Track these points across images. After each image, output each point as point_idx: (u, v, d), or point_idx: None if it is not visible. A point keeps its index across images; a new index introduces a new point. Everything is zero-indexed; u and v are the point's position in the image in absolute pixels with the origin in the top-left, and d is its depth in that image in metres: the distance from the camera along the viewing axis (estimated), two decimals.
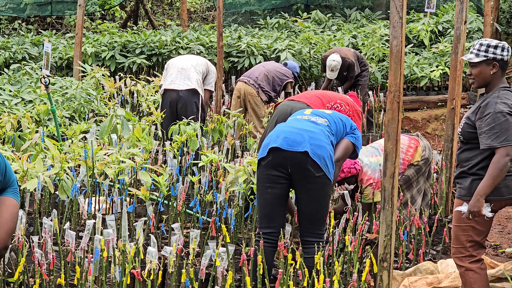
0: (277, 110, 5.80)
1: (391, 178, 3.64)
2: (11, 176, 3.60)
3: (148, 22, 16.62)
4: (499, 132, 3.77)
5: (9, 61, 11.18)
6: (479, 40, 3.96)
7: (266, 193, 4.26)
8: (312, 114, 4.55)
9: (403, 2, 3.51)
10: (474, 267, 3.94)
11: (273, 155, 4.22)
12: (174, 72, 7.27)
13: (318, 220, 4.23)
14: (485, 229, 3.96)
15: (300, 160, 4.16)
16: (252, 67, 8.96)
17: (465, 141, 3.97)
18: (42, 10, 14.63)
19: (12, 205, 3.57)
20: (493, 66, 3.91)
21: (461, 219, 3.94)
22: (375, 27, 12.76)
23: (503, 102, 3.83)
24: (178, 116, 7.11)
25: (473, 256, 3.96)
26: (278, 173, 4.22)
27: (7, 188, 3.60)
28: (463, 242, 3.98)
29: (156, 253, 3.78)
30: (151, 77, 10.72)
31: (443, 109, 10.14)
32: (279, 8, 15.20)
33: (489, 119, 3.81)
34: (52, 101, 7.02)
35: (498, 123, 3.78)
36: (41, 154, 5.61)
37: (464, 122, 4.00)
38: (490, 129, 3.79)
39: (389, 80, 3.63)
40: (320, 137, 4.25)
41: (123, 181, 5.48)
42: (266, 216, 4.29)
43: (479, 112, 3.89)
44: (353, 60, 9.31)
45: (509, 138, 3.76)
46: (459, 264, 4.01)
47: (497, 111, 3.80)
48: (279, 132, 4.32)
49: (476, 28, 11.85)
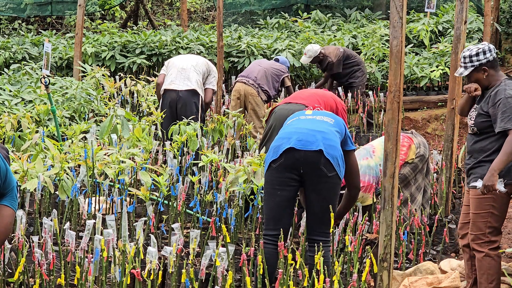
0: (275, 115, 5.79)
1: (391, 178, 3.64)
2: (11, 182, 3.51)
3: (148, 22, 16.62)
4: (511, 115, 4.07)
5: (9, 61, 11.18)
6: (462, 53, 4.28)
7: (276, 195, 4.25)
8: (315, 113, 4.56)
9: (403, 2, 3.51)
10: (493, 254, 4.21)
11: (286, 156, 4.22)
12: (174, 72, 7.28)
13: (327, 220, 4.24)
14: (503, 214, 4.23)
15: (314, 160, 4.17)
16: (247, 67, 8.94)
17: (479, 131, 4.24)
18: (42, 10, 14.63)
19: (7, 215, 3.48)
20: (484, 70, 4.24)
21: (480, 206, 4.19)
22: (375, 27, 12.76)
23: (510, 89, 4.15)
24: (178, 116, 7.11)
25: (492, 242, 4.21)
26: (290, 175, 4.22)
27: (5, 194, 3.51)
28: (482, 228, 4.21)
29: (156, 253, 3.78)
30: (151, 77, 10.72)
31: (443, 109, 10.14)
32: (279, 8, 15.20)
33: (501, 104, 4.11)
34: (52, 101, 7.02)
35: (509, 107, 4.09)
36: (41, 154, 5.60)
37: (476, 114, 4.26)
38: (502, 113, 4.09)
39: (389, 80, 3.63)
40: (331, 137, 4.27)
41: (123, 181, 5.48)
42: (274, 218, 4.29)
43: (490, 100, 4.19)
44: (333, 60, 9.40)
45: None
46: (478, 249, 4.22)
47: (507, 96, 4.11)
48: (290, 134, 4.32)
49: (476, 28, 11.85)
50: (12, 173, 3.55)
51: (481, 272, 4.20)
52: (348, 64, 9.57)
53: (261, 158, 5.36)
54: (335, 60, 9.40)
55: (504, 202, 4.21)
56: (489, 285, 4.19)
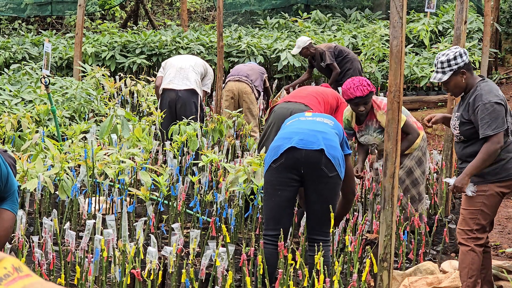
0: (274, 114, 5.78)
1: (391, 178, 3.64)
2: (12, 186, 3.48)
3: (148, 22, 16.63)
4: (490, 121, 4.10)
5: (9, 61, 11.18)
6: (437, 58, 4.27)
7: (276, 195, 4.25)
8: (316, 115, 4.56)
9: (403, 2, 3.51)
10: (478, 250, 4.24)
11: (286, 156, 4.21)
12: (172, 72, 7.28)
13: (327, 219, 4.24)
14: (492, 213, 4.27)
15: (315, 160, 4.17)
16: (233, 68, 8.83)
17: (467, 139, 4.26)
18: (42, 10, 14.63)
19: (7, 219, 3.47)
20: (462, 73, 4.23)
21: (471, 203, 4.24)
22: (375, 27, 12.76)
23: (487, 93, 4.15)
24: (177, 116, 7.11)
25: (478, 238, 4.25)
26: (290, 175, 4.22)
27: (6, 198, 3.49)
28: (471, 224, 4.25)
29: (156, 253, 3.78)
30: (151, 77, 10.72)
31: (443, 109, 10.14)
32: (279, 8, 15.20)
33: (479, 111, 4.13)
34: (52, 101, 7.02)
35: (487, 113, 4.11)
36: (41, 154, 5.60)
37: (459, 123, 4.29)
38: (481, 120, 4.12)
39: (389, 80, 3.62)
40: (332, 138, 4.28)
41: (123, 181, 5.48)
42: (274, 218, 4.29)
43: (469, 108, 4.21)
44: (324, 49, 9.19)
45: (499, 125, 4.10)
46: (464, 243, 4.27)
47: (484, 102, 4.13)
48: (291, 134, 4.32)
49: (476, 28, 11.85)
50: (14, 178, 3.55)
51: (463, 266, 4.26)
52: (343, 59, 9.42)
53: (261, 158, 5.35)
54: (326, 50, 9.20)
55: (496, 202, 4.25)
56: (468, 279, 4.22)
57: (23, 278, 1.00)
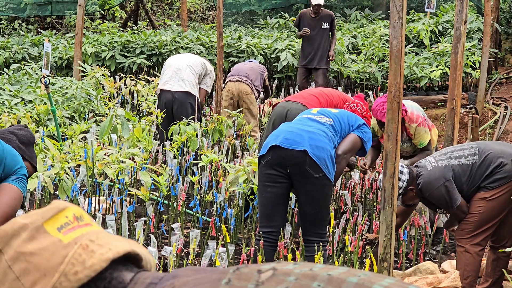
0: (273, 112, 5.79)
1: (391, 178, 3.64)
2: (14, 166, 3.27)
3: (148, 22, 16.63)
4: (447, 199, 4.33)
5: (9, 61, 11.18)
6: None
7: (266, 192, 4.25)
8: (317, 113, 4.54)
9: (403, 2, 3.51)
10: (473, 250, 4.26)
11: (273, 153, 4.22)
12: (169, 72, 7.23)
13: (320, 221, 4.22)
14: (492, 219, 4.31)
15: (298, 160, 4.15)
16: (233, 68, 8.82)
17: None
18: (42, 10, 14.63)
19: (11, 190, 3.24)
20: (411, 190, 4.50)
21: (472, 207, 4.34)
22: (375, 27, 12.76)
23: (430, 181, 4.40)
24: (174, 117, 7.08)
25: (474, 240, 4.29)
26: (277, 172, 4.22)
27: (9, 176, 3.33)
28: (468, 227, 4.32)
29: (156, 253, 3.78)
30: (151, 77, 10.71)
31: (443, 109, 10.14)
32: (279, 8, 15.20)
33: (435, 198, 4.40)
34: (52, 101, 7.02)
35: (440, 196, 4.35)
36: (41, 154, 5.61)
37: None
38: (439, 203, 4.40)
39: (389, 80, 3.63)
40: (320, 138, 4.23)
41: (123, 181, 5.48)
42: (266, 215, 4.29)
43: (430, 205, 4.60)
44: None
45: (456, 198, 4.33)
46: (460, 244, 4.35)
47: (436, 187, 4.36)
48: (280, 132, 4.32)
49: (476, 28, 11.85)
50: (18, 158, 3.38)
51: (459, 267, 4.33)
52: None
53: None
54: None
55: (497, 205, 4.30)
56: (464, 281, 4.25)
57: (82, 227, 1.02)
